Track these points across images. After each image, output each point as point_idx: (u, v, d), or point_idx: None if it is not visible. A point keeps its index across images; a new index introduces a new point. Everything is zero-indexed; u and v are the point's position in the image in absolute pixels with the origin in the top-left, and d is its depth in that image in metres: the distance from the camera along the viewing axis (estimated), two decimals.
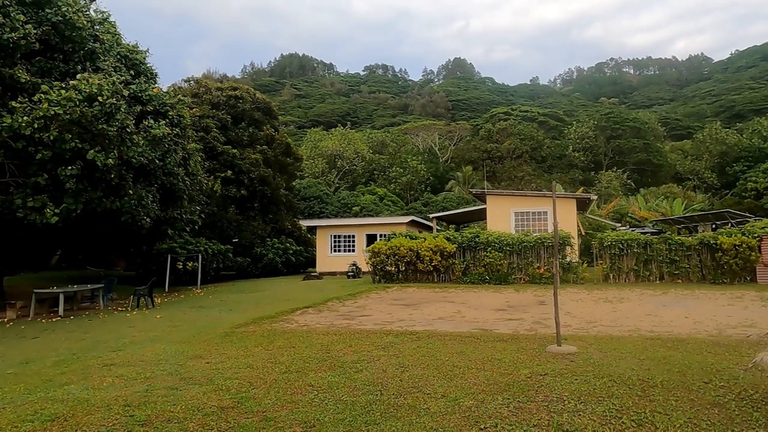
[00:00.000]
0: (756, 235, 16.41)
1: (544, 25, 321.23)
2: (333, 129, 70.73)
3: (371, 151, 64.49)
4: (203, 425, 4.08)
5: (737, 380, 4.98)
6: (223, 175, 26.02)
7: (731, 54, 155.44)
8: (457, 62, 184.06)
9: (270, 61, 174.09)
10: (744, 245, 16.01)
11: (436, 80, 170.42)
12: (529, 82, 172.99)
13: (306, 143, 63.53)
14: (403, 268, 18.45)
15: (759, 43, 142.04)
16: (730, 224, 23.16)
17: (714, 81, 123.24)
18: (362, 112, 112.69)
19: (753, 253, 16.01)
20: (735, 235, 16.48)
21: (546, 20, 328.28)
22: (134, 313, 12.84)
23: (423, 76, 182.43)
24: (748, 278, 16.25)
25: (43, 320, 11.96)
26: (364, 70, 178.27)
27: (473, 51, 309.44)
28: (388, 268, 18.52)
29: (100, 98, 12.47)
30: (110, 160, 12.79)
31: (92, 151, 12.53)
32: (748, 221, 21.90)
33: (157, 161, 15.16)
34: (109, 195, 14.02)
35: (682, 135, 78.76)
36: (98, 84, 12.56)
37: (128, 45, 17.43)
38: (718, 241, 16.35)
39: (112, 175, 13.41)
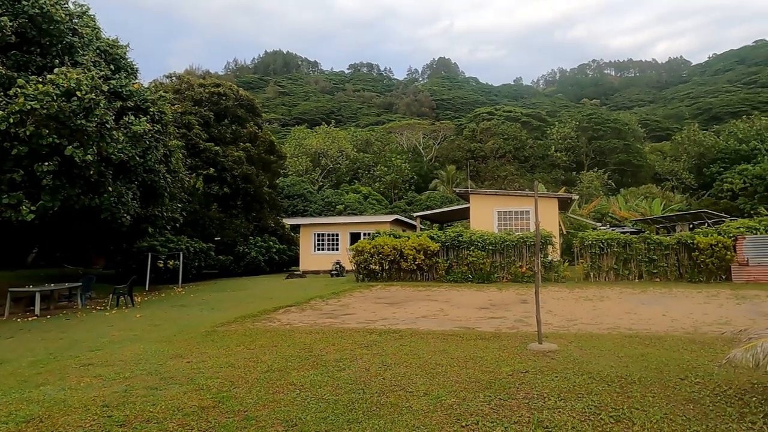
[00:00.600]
0: (731, 234, 16.80)
1: (527, 26, 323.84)
2: (317, 127, 70.39)
3: (355, 149, 64.37)
4: (183, 425, 4.04)
5: (712, 376, 5.10)
6: (205, 172, 25.74)
7: (709, 57, 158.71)
8: (442, 62, 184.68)
9: (254, 58, 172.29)
10: (720, 245, 16.37)
11: (420, 79, 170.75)
12: (512, 83, 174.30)
13: (290, 141, 63.12)
14: (387, 267, 18.47)
15: (736, 47, 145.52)
16: (706, 224, 23.66)
17: (692, 83, 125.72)
18: (347, 111, 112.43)
19: (728, 253, 16.38)
20: (711, 235, 16.85)
21: (530, 21, 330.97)
22: (113, 312, 12.64)
23: (408, 75, 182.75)
24: (724, 277, 16.62)
25: (19, 320, 11.69)
26: (348, 68, 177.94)
27: (458, 50, 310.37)
28: (372, 266, 18.52)
29: (78, 93, 12.25)
30: (89, 156, 12.57)
31: (70, 147, 12.30)
32: (724, 221, 22.40)
33: (137, 158, 14.92)
34: (88, 192, 13.76)
35: (661, 136, 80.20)
36: (77, 78, 12.34)
37: (108, 39, 17.14)
38: (695, 241, 16.69)
39: (91, 172, 13.18)
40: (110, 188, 14.17)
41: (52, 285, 14.14)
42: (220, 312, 11.59)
